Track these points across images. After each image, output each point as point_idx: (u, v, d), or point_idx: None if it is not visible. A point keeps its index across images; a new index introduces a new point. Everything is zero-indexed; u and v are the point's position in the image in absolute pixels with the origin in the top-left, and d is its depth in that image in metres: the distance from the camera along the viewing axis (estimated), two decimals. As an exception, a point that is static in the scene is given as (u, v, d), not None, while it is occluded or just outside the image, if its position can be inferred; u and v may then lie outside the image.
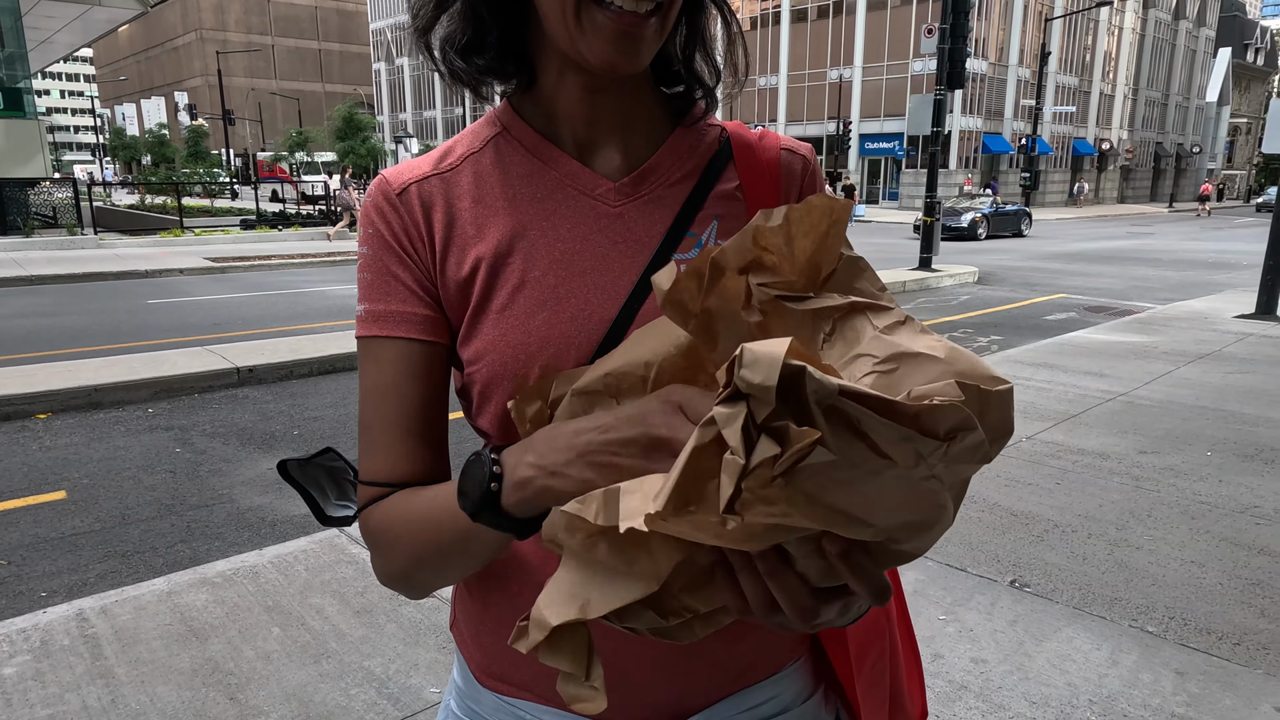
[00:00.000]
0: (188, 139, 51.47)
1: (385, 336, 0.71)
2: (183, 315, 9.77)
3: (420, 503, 0.67)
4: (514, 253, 0.71)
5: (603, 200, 0.73)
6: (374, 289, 0.72)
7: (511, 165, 0.74)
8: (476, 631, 0.79)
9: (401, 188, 0.73)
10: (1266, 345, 7.63)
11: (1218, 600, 2.90)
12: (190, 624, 2.69)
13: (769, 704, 0.77)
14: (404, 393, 0.70)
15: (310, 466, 0.86)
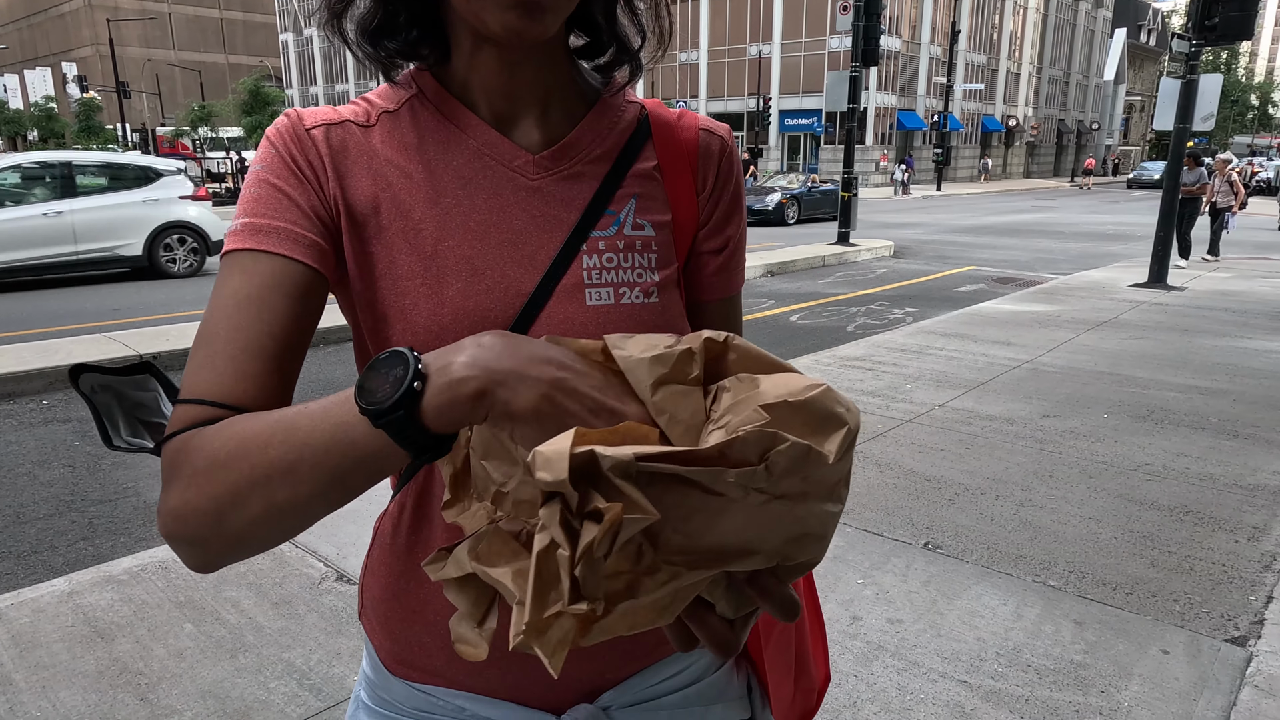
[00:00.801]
0: (78, 113, 48.40)
1: (262, 250, 0.63)
2: (78, 301, 9.23)
3: (275, 415, 0.55)
4: (428, 219, 0.68)
5: (521, 172, 0.71)
6: (260, 203, 0.65)
7: (427, 130, 0.71)
8: (386, 619, 0.77)
9: (311, 125, 0.69)
10: (1157, 312, 8.09)
11: (1113, 553, 3.08)
12: (94, 625, 2.57)
13: (681, 675, 0.78)
14: (270, 309, 0.61)
15: (110, 387, 0.75)
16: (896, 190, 34.21)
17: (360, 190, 0.68)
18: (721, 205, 0.78)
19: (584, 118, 0.74)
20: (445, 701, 0.74)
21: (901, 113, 43.41)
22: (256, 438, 0.53)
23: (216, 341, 0.60)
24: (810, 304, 9.17)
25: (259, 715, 2.16)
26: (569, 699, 0.74)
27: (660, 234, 0.74)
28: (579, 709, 0.73)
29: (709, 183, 0.77)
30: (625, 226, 0.72)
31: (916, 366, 5.84)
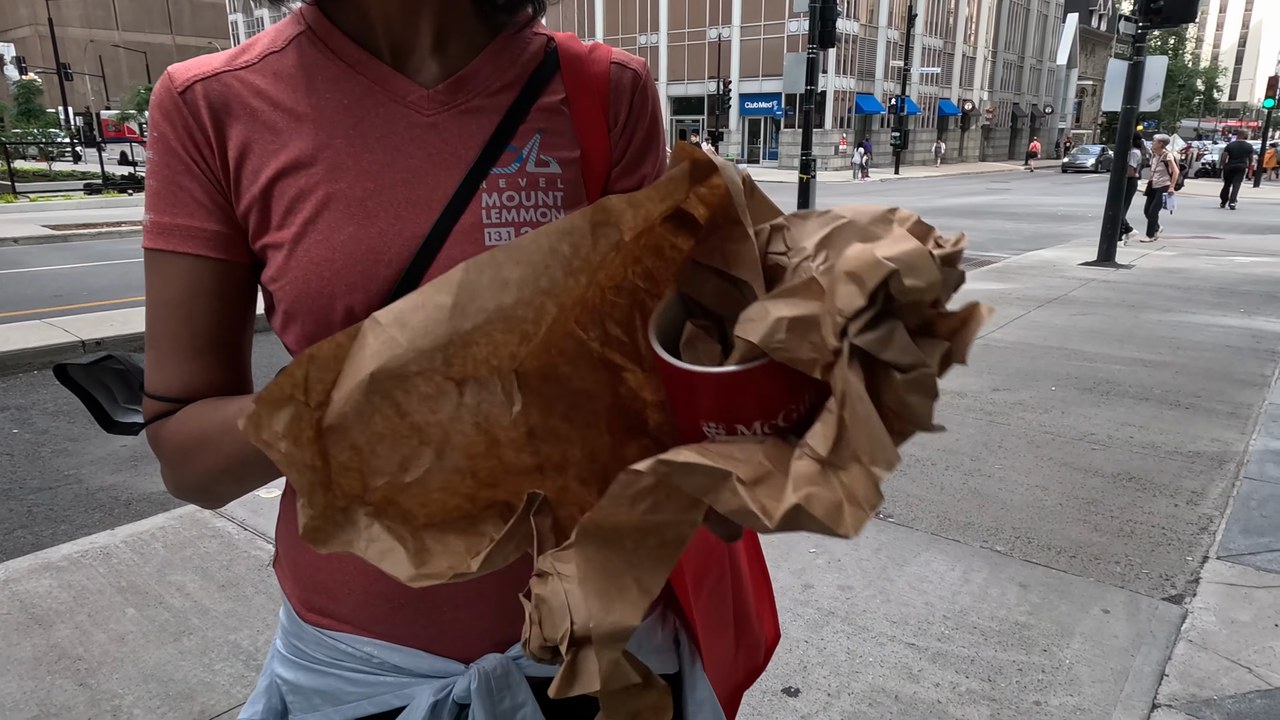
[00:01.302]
0: (17, 96, 46.69)
1: (171, 251, 0.66)
2: (17, 287, 8.92)
3: (228, 411, 0.63)
4: (317, 163, 0.65)
5: (415, 108, 0.68)
6: (160, 198, 0.66)
7: (316, 68, 0.68)
8: (296, 566, 0.75)
9: (186, 85, 0.65)
10: (1105, 289, 8.29)
11: (1058, 519, 3.16)
12: (31, 611, 2.49)
13: None
14: (192, 312, 0.66)
15: (95, 369, 0.80)
16: (855, 173, 34.49)
17: (247, 143, 0.66)
18: (635, 142, 0.75)
19: (484, 49, 0.71)
20: (355, 648, 0.73)
21: (860, 96, 43.72)
22: (199, 448, 0.63)
23: (159, 345, 0.67)
24: (769, 284, 9.22)
25: (203, 696, 2.12)
26: (479, 648, 0.72)
27: (567, 171, 0.71)
28: (488, 658, 0.72)
29: (621, 118, 0.74)
30: (528, 163, 0.69)
31: (872, 343, 5.90)
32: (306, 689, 0.75)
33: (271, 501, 3.27)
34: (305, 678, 0.75)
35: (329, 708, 0.74)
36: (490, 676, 0.71)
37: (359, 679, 0.73)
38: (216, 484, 0.65)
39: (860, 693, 2.15)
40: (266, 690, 0.78)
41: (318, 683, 0.74)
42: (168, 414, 0.67)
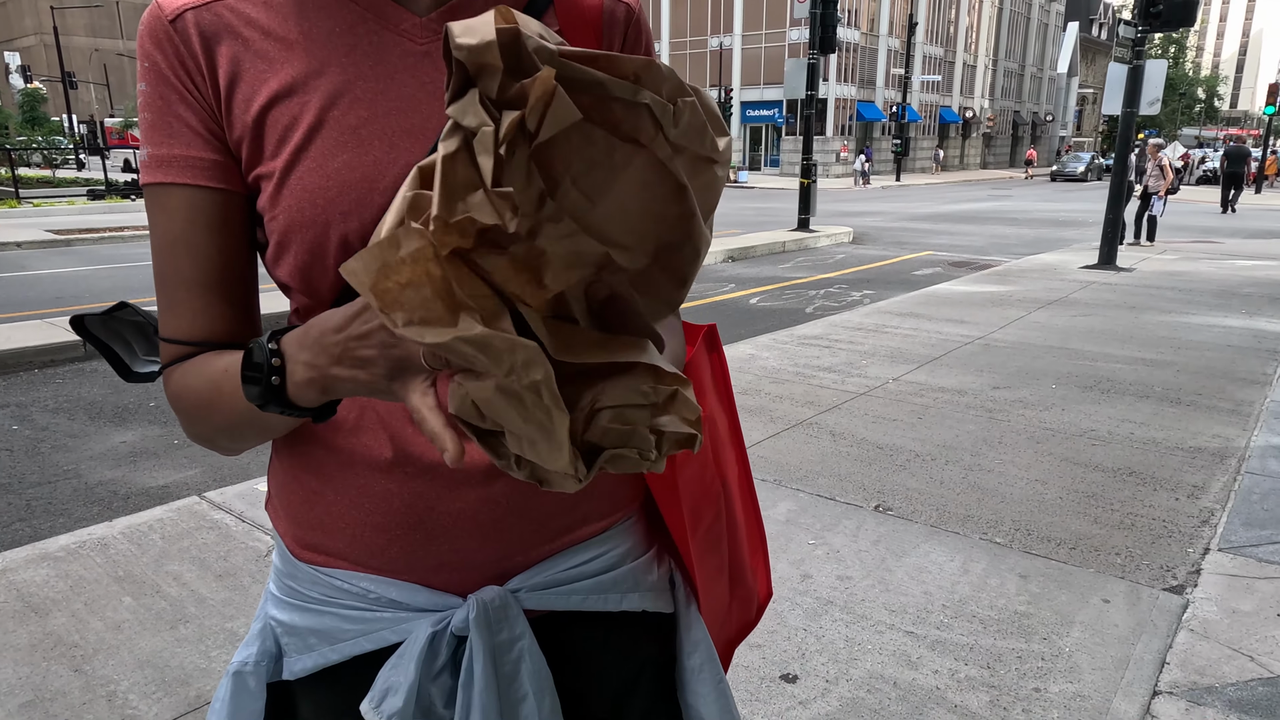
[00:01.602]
0: (22, 104, 46.89)
1: (170, 183, 0.65)
2: (20, 290, 8.95)
3: (215, 373, 0.64)
4: (310, 91, 0.65)
5: (408, 36, 0.67)
6: (155, 130, 0.65)
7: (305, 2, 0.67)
8: (288, 503, 0.75)
9: (176, 13, 0.65)
10: (1106, 291, 8.28)
11: (1058, 512, 3.14)
12: (28, 600, 2.49)
13: (595, 561, 0.76)
14: (195, 245, 0.66)
15: (112, 321, 0.80)
16: (856, 180, 34.54)
17: (238, 71, 0.65)
18: None
19: None
20: (351, 584, 0.72)
21: (861, 104, 43.83)
22: (206, 400, 0.65)
23: (165, 285, 0.67)
24: (770, 287, 9.23)
25: (199, 683, 2.12)
26: (476, 581, 0.71)
27: None
28: (486, 590, 0.71)
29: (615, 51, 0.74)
30: None
31: (872, 344, 5.90)
32: (302, 629, 0.74)
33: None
34: (300, 618, 0.74)
35: (325, 647, 0.73)
36: (489, 608, 0.70)
37: (355, 615, 0.72)
38: (220, 437, 0.67)
39: (859, 679, 2.14)
40: (260, 634, 0.77)
41: (313, 622, 0.73)
42: (183, 358, 0.67)
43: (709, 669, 0.82)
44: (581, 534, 0.75)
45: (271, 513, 0.79)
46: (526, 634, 0.72)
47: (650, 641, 0.81)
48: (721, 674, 0.83)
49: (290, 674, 0.75)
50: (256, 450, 4.07)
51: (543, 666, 0.72)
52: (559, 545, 0.74)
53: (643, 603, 0.79)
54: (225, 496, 3.25)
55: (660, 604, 0.81)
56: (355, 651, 0.72)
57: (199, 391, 0.65)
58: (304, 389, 0.56)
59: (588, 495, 0.75)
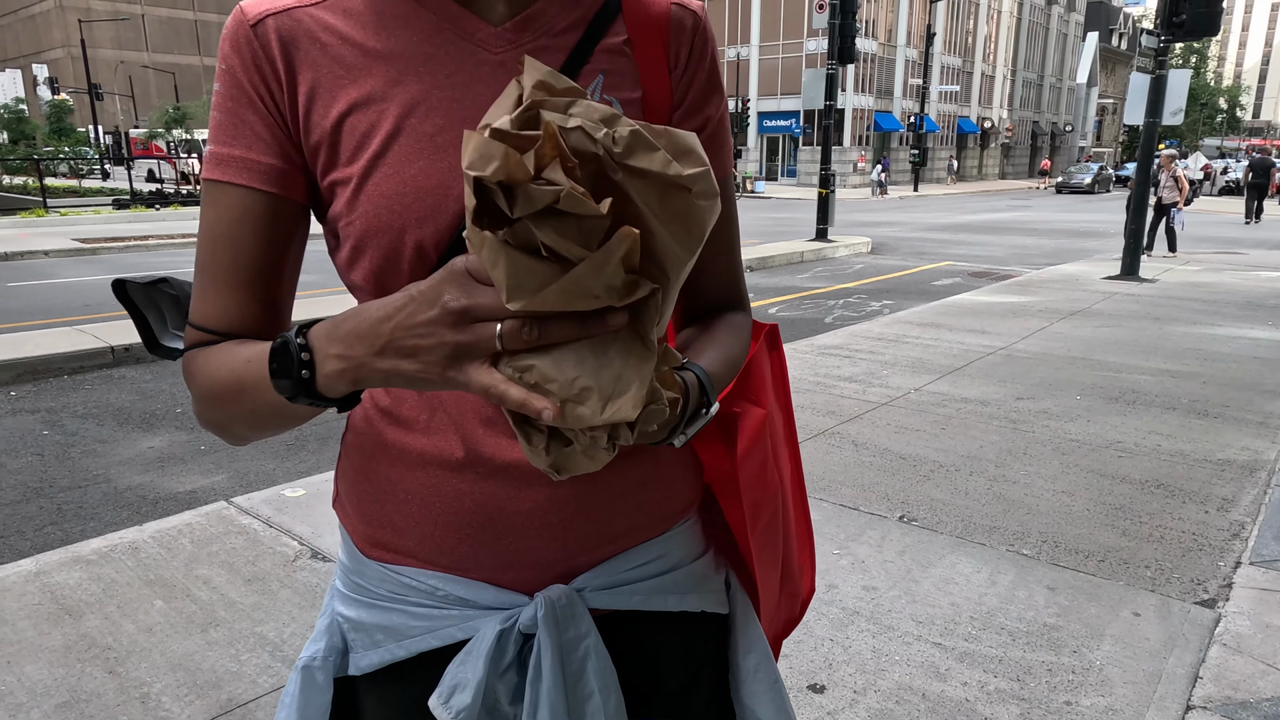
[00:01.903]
0: (49, 115, 47.73)
1: (227, 182, 0.67)
2: (48, 297, 9.09)
3: (237, 364, 0.65)
4: (389, 99, 0.67)
5: (484, 46, 0.69)
6: (222, 130, 0.68)
7: (385, 6, 0.69)
8: (359, 502, 0.76)
9: (258, 18, 0.67)
10: (1129, 302, 8.21)
11: (1085, 524, 3.12)
12: (62, 602, 2.52)
13: (656, 562, 0.77)
14: (239, 243, 0.68)
15: (153, 290, 0.83)
16: (874, 191, 34.45)
17: (318, 80, 0.67)
18: (697, 83, 0.75)
19: None
20: (419, 582, 0.73)
21: (878, 114, 43.75)
22: (228, 389, 0.65)
23: (204, 273, 0.69)
24: (789, 297, 9.22)
25: (230, 686, 2.14)
26: (543, 579, 0.73)
27: (629, 111, 0.71)
28: (553, 589, 0.72)
29: (682, 59, 0.74)
30: None
31: (893, 354, 5.88)
32: (369, 625, 0.75)
33: (296, 500, 3.30)
34: (367, 614, 0.75)
35: (392, 643, 0.74)
36: (556, 606, 0.71)
37: (423, 613, 0.73)
38: (234, 425, 0.68)
39: (887, 690, 2.13)
40: (327, 629, 0.79)
41: (380, 618, 0.75)
42: (206, 344, 0.69)
43: (765, 669, 0.82)
44: (643, 535, 0.76)
45: (340, 511, 0.80)
46: (592, 632, 0.73)
47: (707, 641, 0.82)
48: (777, 674, 0.84)
49: (357, 669, 0.76)
50: (282, 457, 4.12)
51: (608, 664, 0.73)
52: (622, 545, 0.75)
53: (701, 603, 0.80)
54: (252, 502, 3.28)
55: (717, 605, 0.82)
56: (422, 648, 0.73)
57: (220, 380, 0.66)
58: (334, 380, 0.57)
59: (650, 498, 0.76)
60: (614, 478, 0.72)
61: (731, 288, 0.83)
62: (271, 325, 0.71)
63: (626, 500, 0.74)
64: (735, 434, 0.79)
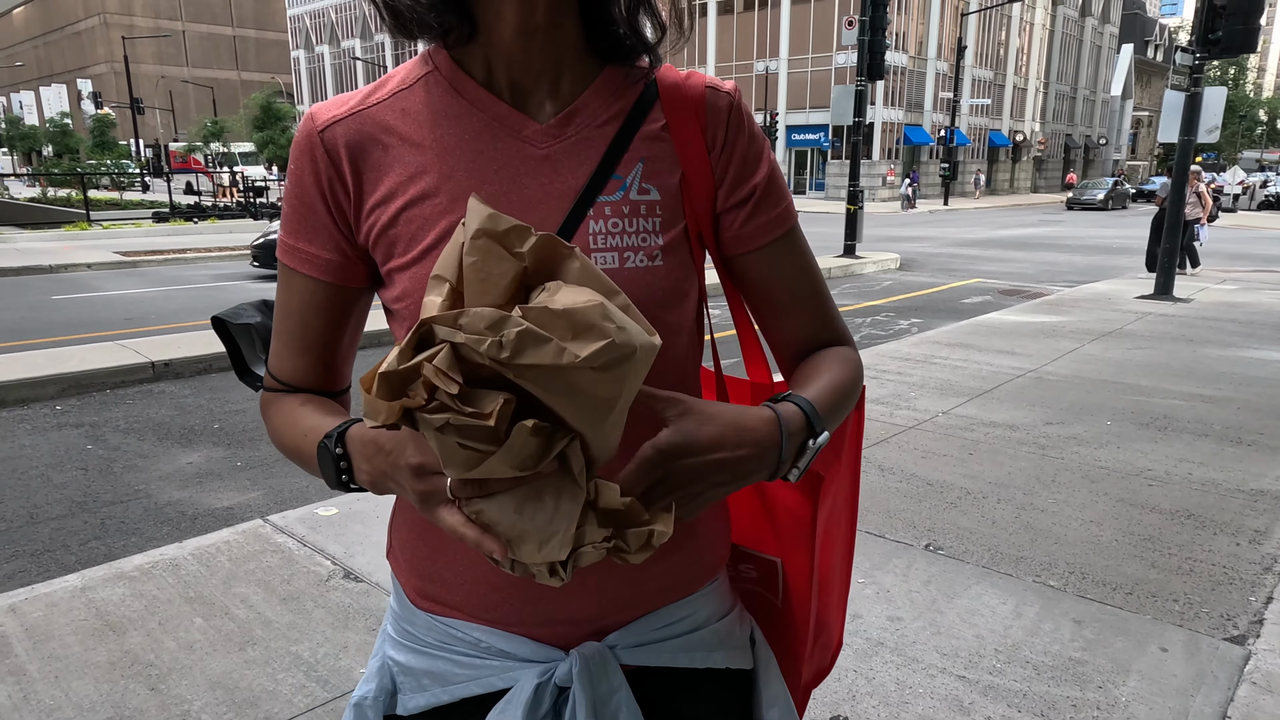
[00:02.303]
0: (92, 129, 49.01)
1: (295, 270, 0.78)
2: (91, 311, 9.34)
3: (297, 434, 0.77)
4: (440, 193, 0.73)
5: (530, 142, 0.74)
6: (290, 223, 0.77)
7: (440, 105, 0.75)
8: (412, 557, 0.82)
9: (325, 125, 0.75)
10: (1163, 323, 8.10)
11: (1113, 555, 3.10)
12: (106, 618, 2.61)
13: (684, 621, 0.82)
14: (305, 320, 0.79)
15: (242, 328, 0.96)
16: (903, 204, 34.27)
17: (377, 178, 0.74)
18: (736, 161, 0.79)
19: (593, 83, 0.76)
20: (464, 633, 0.79)
21: (908, 128, 43.54)
22: (290, 449, 0.79)
23: (278, 338, 0.82)
24: (816, 315, 9.19)
25: (267, 705, 2.20)
26: (578, 636, 0.78)
27: (666, 196, 0.76)
28: (587, 645, 0.77)
29: (719, 140, 0.78)
30: (631, 191, 0.75)
31: (920, 375, 5.87)
32: (416, 670, 0.81)
33: (328, 519, 3.38)
34: (415, 660, 0.82)
35: (437, 688, 0.80)
36: (590, 662, 0.76)
37: (466, 662, 0.79)
38: (295, 463, 0.80)
39: (910, 723, 2.14)
40: (379, 671, 0.85)
41: (427, 664, 0.81)
42: (279, 390, 0.82)
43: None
44: (672, 596, 0.81)
45: (393, 562, 0.86)
46: (624, 687, 0.77)
47: (732, 695, 0.86)
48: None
49: (404, 710, 0.82)
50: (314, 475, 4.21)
51: (639, 717, 0.78)
52: (651, 606, 0.80)
53: (727, 660, 0.84)
54: (287, 520, 3.37)
55: (742, 661, 0.86)
56: (465, 694, 0.79)
57: (285, 439, 0.79)
58: (366, 485, 0.69)
59: (678, 564, 0.81)
60: None
61: (826, 329, 0.85)
62: (330, 381, 0.83)
63: (655, 567, 0.78)
64: (819, 494, 0.85)
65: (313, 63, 69.80)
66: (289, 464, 4.36)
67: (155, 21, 77.07)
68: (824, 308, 0.85)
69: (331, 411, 0.78)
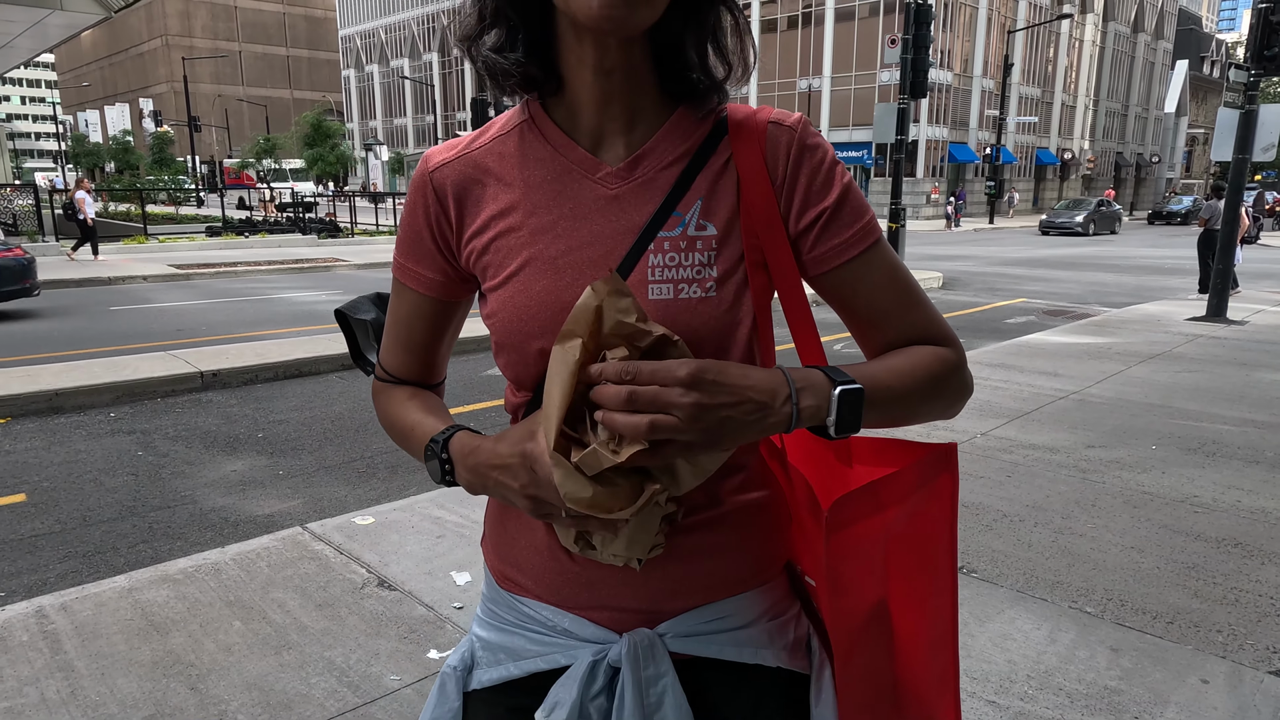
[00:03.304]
0: (152, 146, 50.76)
1: (405, 284, 0.91)
2: (145, 321, 9.66)
3: (404, 426, 0.92)
4: (524, 228, 0.83)
5: (603, 183, 0.83)
6: (403, 244, 0.91)
7: (529, 149, 0.85)
8: (497, 544, 0.94)
9: (436, 167, 0.87)
10: (1214, 346, 7.88)
11: (1154, 582, 3.02)
12: (151, 619, 2.70)
13: (732, 617, 0.88)
14: (411, 327, 0.93)
15: (358, 322, 1.14)
16: (947, 223, 33.86)
17: (477, 213, 0.86)
18: (800, 190, 0.83)
19: (663, 126, 0.84)
20: (536, 613, 0.89)
21: (953, 145, 43.08)
22: (397, 438, 0.94)
23: (388, 335, 0.96)
24: (854, 333, 9.13)
25: (300, 708, 2.26)
26: (631, 622, 0.86)
27: (725, 230, 0.82)
28: (638, 631, 0.85)
29: (780, 172, 0.83)
30: (689, 227, 0.82)
31: (959, 395, 5.78)
32: (495, 645, 0.93)
33: (365, 528, 3.45)
34: (495, 636, 0.93)
35: (510, 662, 0.91)
36: (639, 646, 0.84)
37: (536, 639, 0.90)
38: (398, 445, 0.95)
39: (937, 748, 2.11)
40: (464, 646, 0.97)
41: (505, 640, 0.92)
42: (388, 380, 0.97)
43: None
44: (719, 594, 0.87)
45: (484, 549, 0.98)
46: (670, 673, 0.84)
47: (781, 695, 0.89)
48: None
49: (477, 684, 0.93)
50: (353, 484, 4.30)
51: (683, 702, 0.84)
52: (699, 600, 0.87)
53: (776, 659, 0.89)
54: (325, 529, 3.45)
55: (796, 664, 0.90)
56: (533, 669, 0.89)
57: (393, 429, 0.94)
58: (464, 487, 0.83)
59: (722, 564, 0.87)
60: (688, 542, 0.84)
61: (922, 339, 0.87)
62: (429, 376, 0.97)
63: (705, 564, 0.86)
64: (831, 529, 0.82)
65: (362, 81, 71.53)
66: (328, 473, 4.47)
67: (214, 43, 79.77)
68: (915, 318, 0.87)
69: (433, 409, 0.92)
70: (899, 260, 0.88)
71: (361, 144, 58.73)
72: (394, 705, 2.27)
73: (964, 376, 0.87)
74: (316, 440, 5.08)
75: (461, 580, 3.00)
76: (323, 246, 20.10)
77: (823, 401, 0.74)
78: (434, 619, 2.73)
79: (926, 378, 0.83)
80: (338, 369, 6.95)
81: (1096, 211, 30.24)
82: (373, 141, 48.02)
